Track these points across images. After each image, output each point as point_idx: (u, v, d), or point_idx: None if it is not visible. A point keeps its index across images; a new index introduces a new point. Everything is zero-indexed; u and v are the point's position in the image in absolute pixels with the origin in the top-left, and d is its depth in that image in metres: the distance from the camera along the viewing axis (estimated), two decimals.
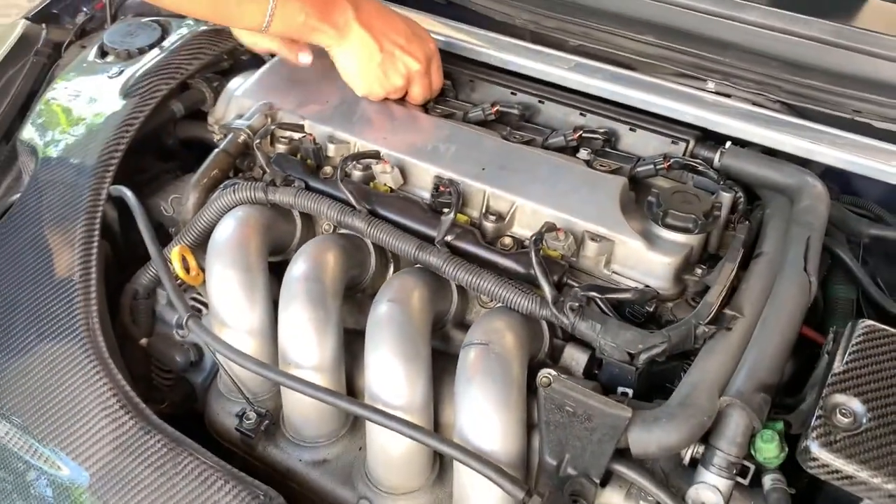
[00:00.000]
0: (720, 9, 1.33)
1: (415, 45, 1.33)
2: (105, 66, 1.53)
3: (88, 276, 1.21)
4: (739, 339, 1.03)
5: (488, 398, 1.00)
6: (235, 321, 1.16)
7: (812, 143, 1.21)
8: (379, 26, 1.31)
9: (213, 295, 1.17)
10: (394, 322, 1.07)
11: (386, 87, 1.35)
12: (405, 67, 1.33)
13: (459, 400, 1.01)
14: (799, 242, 1.11)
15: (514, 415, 1.00)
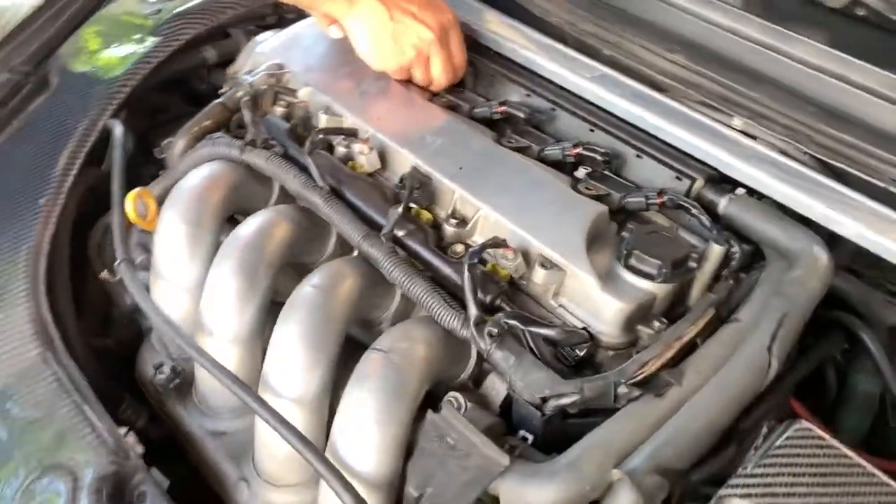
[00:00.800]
0: (767, 38, 1.16)
1: (428, 13, 1.25)
2: (147, 5, 1.55)
3: (57, 198, 1.22)
4: (667, 411, 0.90)
5: (371, 408, 0.92)
6: (171, 274, 1.14)
7: (831, 209, 1.04)
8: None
9: (157, 243, 1.16)
10: (308, 306, 1.01)
11: (399, 59, 1.27)
12: (417, 37, 1.25)
13: (343, 403, 0.95)
14: (772, 316, 0.96)
15: (395, 431, 0.92)
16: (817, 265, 1.01)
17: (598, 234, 1.08)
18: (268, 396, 0.99)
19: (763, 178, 1.09)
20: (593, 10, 1.31)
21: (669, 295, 1.03)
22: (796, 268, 1.02)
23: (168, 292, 1.15)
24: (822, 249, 1.03)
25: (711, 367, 0.94)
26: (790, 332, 0.95)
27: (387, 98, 1.30)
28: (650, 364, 0.93)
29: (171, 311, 1.13)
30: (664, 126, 1.16)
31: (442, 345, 1.00)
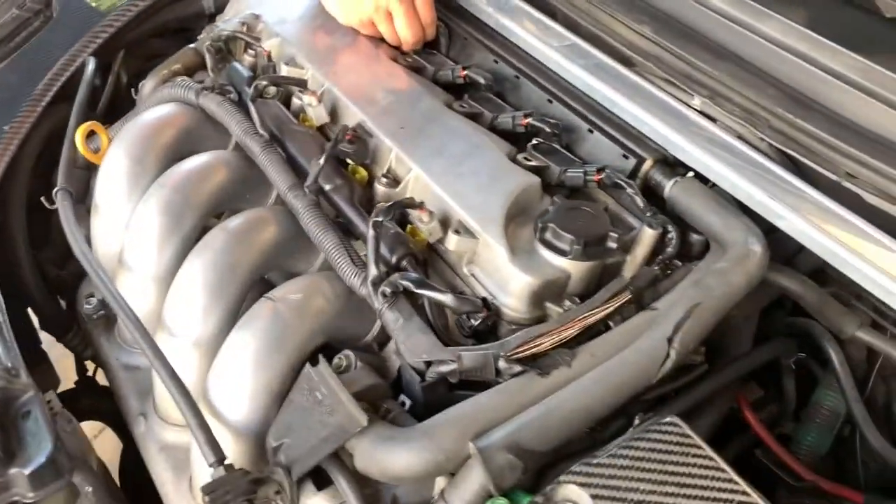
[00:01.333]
0: (736, 12, 1.08)
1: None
2: None
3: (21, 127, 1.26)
4: (549, 391, 0.85)
5: (249, 354, 0.91)
6: (107, 208, 1.16)
7: (773, 201, 0.96)
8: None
9: (99, 177, 1.18)
10: (214, 249, 1.01)
11: (358, 13, 1.25)
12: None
13: (224, 346, 0.94)
14: (682, 307, 0.90)
15: (270, 380, 0.91)
16: (746, 258, 0.94)
17: (526, 206, 1.03)
18: (163, 335, 0.99)
19: (709, 162, 1.01)
20: None
21: (587, 275, 0.97)
22: (724, 259, 0.94)
23: (104, 226, 1.16)
24: (757, 242, 0.95)
25: (608, 353, 0.88)
26: (698, 325, 0.88)
27: (351, 54, 1.28)
28: (539, 341, 0.88)
29: (106, 245, 1.15)
30: (619, 101, 1.10)
31: (341, 302, 0.98)
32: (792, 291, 1.05)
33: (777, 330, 1.20)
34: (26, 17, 1.58)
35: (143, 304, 1.06)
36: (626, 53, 1.14)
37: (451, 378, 0.88)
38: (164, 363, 0.90)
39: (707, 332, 0.90)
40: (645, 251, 1.00)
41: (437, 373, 0.88)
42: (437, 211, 1.03)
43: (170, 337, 0.99)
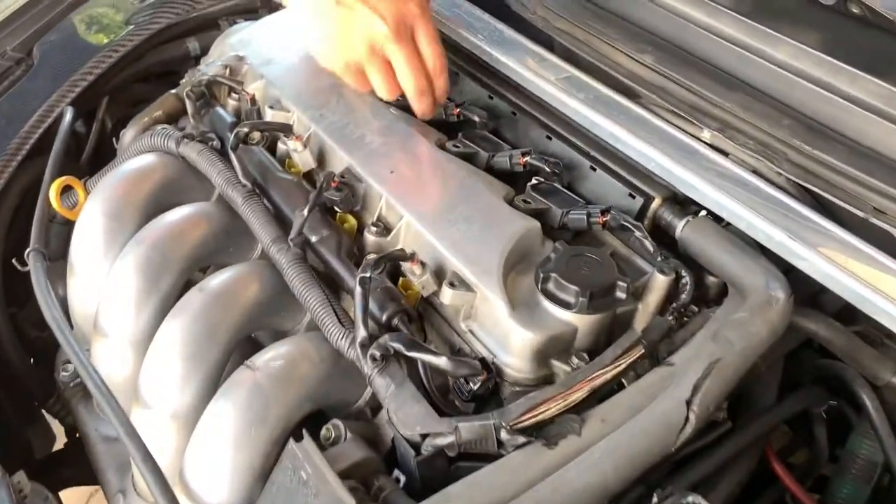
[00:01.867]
0: (746, 38, 1.00)
1: (384, 2, 1.01)
2: None
3: None
4: (557, 464, 0.77)
5: (228, 431, 0.84)
6: (83, 268, 1.09)
7: (794, 241, 0.88)
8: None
9: (74, 235, 1.11)
10: (191, 312, 0.94)
11: (346, 53, 1.05)
12: (367, 28, 1.01)
13: (201, 421, 0.86)
14: (700, 364, 0.81)
15: (251, 460, 0.83)
16: (768, 306, 0.86)
17: (527, 252, 0.96)
18: (138, 407, 0.92)
19: (722, 200, 0.94)
20: (568, 6, 1.17)
21: (596, 328, 0.89)
22: (744, 307, 0.86)
23: (81, 288, 1.10)
24: (779, 288, 0.87)
25: (622, 418, 0.80)
26: (719, 384, 0.80)
27: (339, 94, 1.20)
28: (544, 407, 0.80)
29: (83, 307, 1.09)
30: (623, 136, 1.02)
31: (328, 365, 0.90)
32: (820, 336, 0.97)
33: (805, 372, 1.11)
34: (7, 66, 1.52)
35: (119, 371, 0.99)
36: (629, 85, 1.07)
37: (448, 451, 0.80)
38: (136, 440, 0.82)
39: (729, 391, 0.82)
40: (657, 299, 0.93)
41: (433, 446, 0.80)
42: (431, 261, 0.95)
43: (145, 409, 0.91)
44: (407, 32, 1.04)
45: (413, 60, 1.05)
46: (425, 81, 1.08)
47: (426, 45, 1.06)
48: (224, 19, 1.55)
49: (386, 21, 1.02)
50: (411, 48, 1.05)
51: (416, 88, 1.07)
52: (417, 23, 1.05)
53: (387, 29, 1.02)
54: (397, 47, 1.03)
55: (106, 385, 0.89)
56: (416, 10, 1.04)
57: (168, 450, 0.90)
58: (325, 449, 0.84)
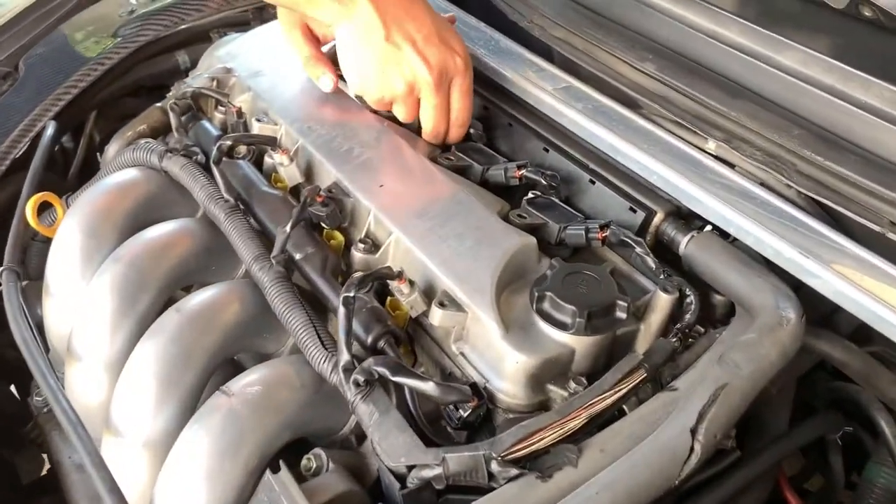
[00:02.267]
0: (752, 44, 0.95)
1: (434, 48, 1.01)
2: (126, 4, 1.49)
3: None
4: (551, 499, 0.71)
5: (199, 461, 0.78)
6: (59, 288, 1.04)
7: (806, 258, 0.82)
8: (394, 11, 1.01)
9: (51, 253, 1.07)
10: (166, 335, 0.89)
11: (382, 90, 1.04)
12: (411, 71, 1.01)
13: (173, 450, 0.81)
14: (706, 389, 0.76)
15: (224, 492, 0.77)
16: (778, 326, 0.80)
17: (522, 270, 0.91)
18: (109, 436, 0.87)
19: (728, 214, 0.88)
20: (566, 14, 1.13)
21: (594, 350, 0.84)
22: (752, 328, 0.81)
23: (56, 308, 1.05)
24: (790, 307, 0.82)
25: (622, 447, 0.75)
26: (726, 411, 0.75)
27: (328, 107, 1.16)
28: (538, 436, 0.75)
29: (59, 329, 1.04)
30: (623, 148, 0.97)
31: (310, 391, 0.85)
32: (835, 359, 0.91)
33: (819, 396, 1.06)
34: None
35: (93, 397, 0.94)
36: (630, 94, 1.02)
37: (436, 484, 0.75)
38: (102, 470, 0.78)
39: (737, 418, 0.76)
40: (660, 319, 0.87)
41: (419, 478, 0.74)
42: (421, 280, 0.91)
43: (116, 437, 0.86)
44: (446, 83, 1.04)
45: (441, 110, 1.05)
46: (444, 130, 1.08)
47: (458, 99, 1.06)
48: (215, 32, 1.51)
49: (431, 69, 1.02)
50: (444, 98, 1.05)
51: (433, 132, 1.08)
52: (457, 76, 1.05)
53: (430, 77, 1.02)
54: (432, 94, 1.04)
55: (74, 410, 0.84)
56: (461, 63, 1.04)
57: (139, 481, 0.85)
58: (306, 480, 0.79)
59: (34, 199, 1.08)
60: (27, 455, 1.36)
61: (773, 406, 0.99)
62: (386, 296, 0.92)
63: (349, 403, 0.81)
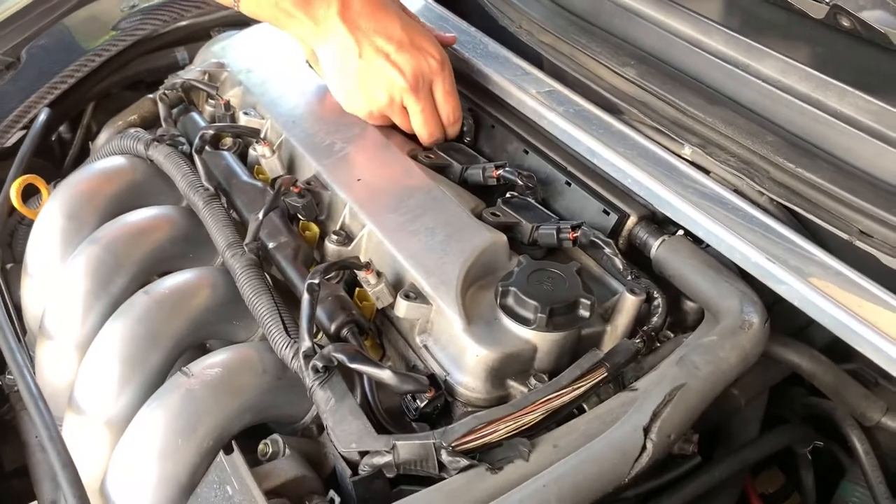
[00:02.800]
0: (732, 52, 0.95)
1: (406, 55, 1.04)
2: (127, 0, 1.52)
3: None
4: (499, 491, 0.71)
5: (154, 440, 0.78)
6: (38, 269, 1.06)
7: (771, 264, 0.82)
8: (365, 26, 1.04)
9: (32, 235, 1.08)
10: (133, 316, 0.89)
11: (368, 105, 1.07)
12: (388, 81, 1.04)
13: (130, 427, 0.81)
14: (662, 389, 0.75)
15: (176, 471, 0.77)
16: (740, 329, 0.79)
17: (492, 268, 0.91)
18: (71, 413, 0.87)
19: (700, 219, 0.88)
20: (554, 20, 1.14)
21: (556, 348, 0.83)
22: (714, 332, 0.80)
23: (34, 289, 1.06)
24: (753, 311, 0.81)
25: (576, 444, 0.74)
26: (681, 411, 0.74)
27: (313, 104, 1.17)
28: (491, 428, 0.74)
29: (36, 310, 1.04)
30: (600, 151, 0.97)
31: (272, 377, 0.85)
32: (803, 370, 0.90)
33: (793, 411, 1.05)
34: None
35: (61, 376, 0.95)
36: (611, 99, 1.02)
37: (386, 471, 0.74)
38: (58, 443, 0.78)
39: (692, 419, 0.75)
40: (627, 320, 0.87)
41: (370, 465, 0.74)
42: (390, 272, 0.91)
43: (78, 415, 0.86)
44: (425, 86, 1.06)
45: (427, 113, 1.07)
46: (439, 131, 1.10)
47: (442, 99, 1.08)
48: (215, 30, 1.53)
49: (404, 75, 1.04)
50: (427, 101, 1.07)
51: (428, 136, 1.09)
52: (435, 77, 1.07)
53: (405, 83, 1.04)
54: (413, 100, 1.06)
55: (37, 385, 0.85)
56: (435, 65, 1.06)
57: (99, 459, 0.85)
58: (260, 464, 0.79)
59: (19, 182, 1.09)
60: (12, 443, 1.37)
61: (742, 418, 0.99)
62: (356, 288, 0.92)
63: (308, 389, 0.81)
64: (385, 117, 1.10)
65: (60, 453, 0.77)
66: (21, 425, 1.07)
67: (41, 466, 1.00)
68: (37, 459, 1.01)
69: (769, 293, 0.84)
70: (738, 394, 0.93)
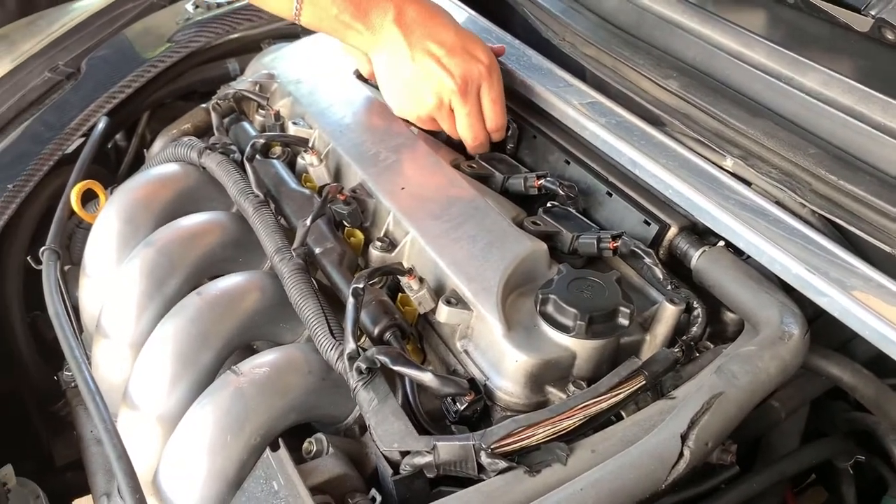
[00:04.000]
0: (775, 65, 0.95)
1: (457, 59, 1.06)
2: (184, 12, 1.57)
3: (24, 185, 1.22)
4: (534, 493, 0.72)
5: (203, 436, 0.82)
6: (95, 270, 1.10)
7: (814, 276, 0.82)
8: (419, 32, 1.07)
9: (90, 238, 1.12)
10: (186, 316, 0.93)
11: (418, 108, 1.10)
12: (438, 83, 1.06)
13: (181, 423, 0.84)
14: (701, 397, 0.76)
15: (224, 466, 0.80)
16: (780, 340, 0.80)
17: (532, 275, 0.92)
18: (126, 409, 0.91)
19: (742, 231, 0.88)
20: (597, 33, 1.15)
21: (596, 355, 0.85)
22: (753, 342, 0.80)
23: (91, 290, 1.10)
24: (794, 323, 0.81)
25: (613, 449, 0.75)
26: (719, 419, 0.74)
27: (360, 113, 1.20)
28: (530, 432, 0.76)
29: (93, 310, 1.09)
30: (642, 162, 0.98)
31: (317, 377, 0.88)
32: (844, 383, 0.90)
33: (837, 426, 1.04)
34: (58, 80, 1.58)
35: (117, 374, 0.99)
36: (653, 111, 1.03)
37: (427, 472, 0.76)
38: (114, 437, 0.81)
39: (730, 428, 0.76)
40: (666, 330, 0.88)
41: (411, 465, 0.76)
42: (432, 279, 0.93)
43: (132, 411, 0.90)
44: (473, 90, 1.08)
45: (473, 117, 1.09)
46: (483, 136, 1.12)
47: (488, 104, 1.10)
48: (266, 42, 1.58)
49: (454, 78, 1.06)
50: (474, 105, 1.09)
51: (473, 141, 1.12)
52: (484, 82, 1.09)
53: (454, 85, 1.07)
54: (461, 102, 1.08)
55: (94, 380, 0.88)
56: (484, 70, 1.08)
57: (151, 453, 0.88)
58: (304, 462, 0.81)
59: (79, 186, 1.14)
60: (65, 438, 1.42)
61: (782, 430, 0.98)
62: (399, 293, 0.95)
63: (351, 390, 0.83)
64: (433, 121, 1.12)
65: (116, 445, 0.80)
66: (76, 420, 1.12)
67: (96, 459, 1.04)
68: (91, 453, 1.05)
69: (811, 306, 0.84)
70: (778, 406, 0.93)
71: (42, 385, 1.26)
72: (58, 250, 1.09)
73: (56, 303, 1.00)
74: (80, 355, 0.92)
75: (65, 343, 0.94)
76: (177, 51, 1.43)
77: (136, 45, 1.52)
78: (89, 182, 1.16)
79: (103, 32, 1.65)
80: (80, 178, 1.19)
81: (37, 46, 1.57)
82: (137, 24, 1.58)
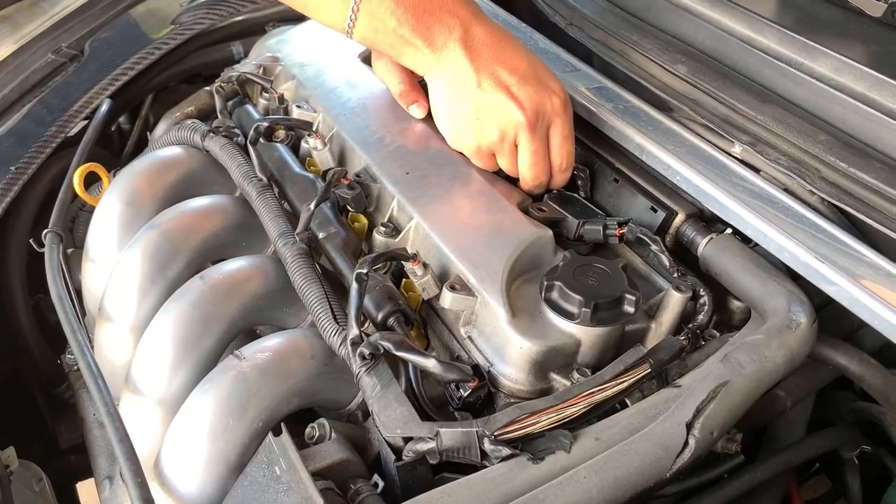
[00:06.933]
0: (786, 50, 0.94)
1: (529, 90, 0.95)
2: None
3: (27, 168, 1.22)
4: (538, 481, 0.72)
5: (205, 419, 0.81)
6: (98, 253, 1.10)
7: (821, 264, 0.81)
8: (488, 56, 0.96)
9: (93, 220, 1.12)
10: (188, 300, 0.92)
11: (477, 138, 0.99)
12: (505, 115, 0.96)
13: (182, 408, 0.84)
14: (706, 386, 0.75)
15: (226, 450, 0.80)
16: (787, 329, 0.79)
17: (537, 262, 0.91)
18: (128, 393, 0.91)
19: (750, 218, 0.87)
20: (605, 17, 1.14)
21: (601, 343, 0.84)
22: (759, 330, 0.80)
23: (94, 273, 1.10)
24: (801, 311, 0.81)
25: (617, 437, 0.75)
26: (724, 408, 0.74)
27: (366, 98, 1.19)
28: (534, 419, 0.75)
29: (96, 292, 1.09)
30: (649, 148, 0.98)
31: (320, 362, 0.87)
32: (851, 372, 0.89)
33: (843, 416, 1.03)
34: (61, 62, 1.57)
35: (119, 357, 0.99)
36: (661, 97, 1.02)
37: (430, 458, 0.76)
38: (116, 420, 0.81)
39: (736, 417, 0.75)
40: (672, 318, 0.87)
41: (414, 451, 0.76)
42: (436, 264, 0.92)
43: (134, 394, 0.90)
44: (542, 126, 0.98)
45: (539, 155, 0.99)
46: (545, 176, 1.02)
47: (557, 143, 1.00)
48: (271, 25, 1.56)
49: (524, 110, 0.96)
50: (541, 142, 0.99)
51: (533, 181, 1.01)
52: (556, 118, 0.99)
53: (523, 118, 0.96)
54: (528, 138, 0.97)
55: (96, 363, 0.88)
56: (559, 104, 0.98)
57: (153, 437, 0.88)
58: (307, 447, 0.81)
59: (81, 169, 1.14)
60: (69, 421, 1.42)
61: (788, 420, 0.98)
62: (402, 278, 0.94)
63: (354, 375, 0.83)
64: (491, 157, 1.01)
65: (118, 429, 0.80)
66: (79, 403, 1.11)
67: (98, 443, 1.04)
68: (94, 436, 1.05)
69: (818, 295, 0.84)
70: (784, 395, 0.93)
71: (45, 368, 1.26)
72: (60, 233, 1.09)
73: (59, 286, 1.00)
74: (83, 339, 0.92)
75: (67, 326, 0.93)
76: (181, 33, 1.41)
77: (140, 27, 1.50)
78: (92, 165, 1.16)
79: (107, 14, 1.64)
80: (82, 160, 1.18)
81: (40, 28, 1.56)
82: (141, 6, 1.57)
